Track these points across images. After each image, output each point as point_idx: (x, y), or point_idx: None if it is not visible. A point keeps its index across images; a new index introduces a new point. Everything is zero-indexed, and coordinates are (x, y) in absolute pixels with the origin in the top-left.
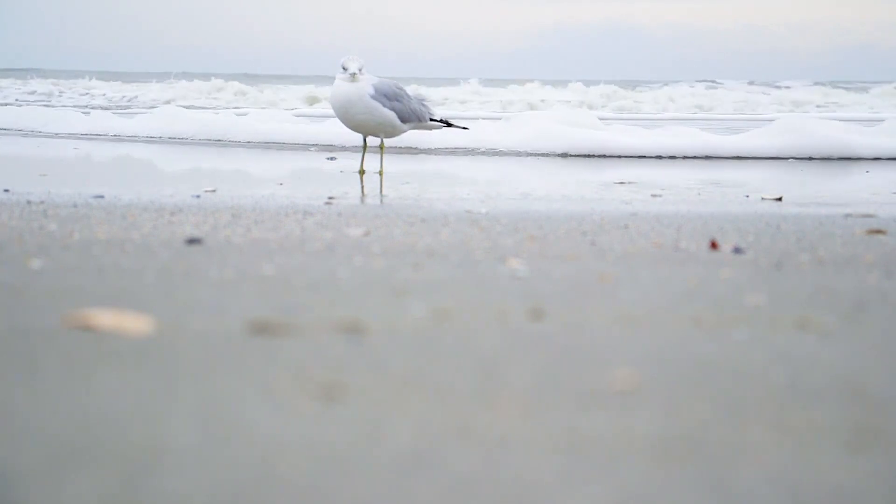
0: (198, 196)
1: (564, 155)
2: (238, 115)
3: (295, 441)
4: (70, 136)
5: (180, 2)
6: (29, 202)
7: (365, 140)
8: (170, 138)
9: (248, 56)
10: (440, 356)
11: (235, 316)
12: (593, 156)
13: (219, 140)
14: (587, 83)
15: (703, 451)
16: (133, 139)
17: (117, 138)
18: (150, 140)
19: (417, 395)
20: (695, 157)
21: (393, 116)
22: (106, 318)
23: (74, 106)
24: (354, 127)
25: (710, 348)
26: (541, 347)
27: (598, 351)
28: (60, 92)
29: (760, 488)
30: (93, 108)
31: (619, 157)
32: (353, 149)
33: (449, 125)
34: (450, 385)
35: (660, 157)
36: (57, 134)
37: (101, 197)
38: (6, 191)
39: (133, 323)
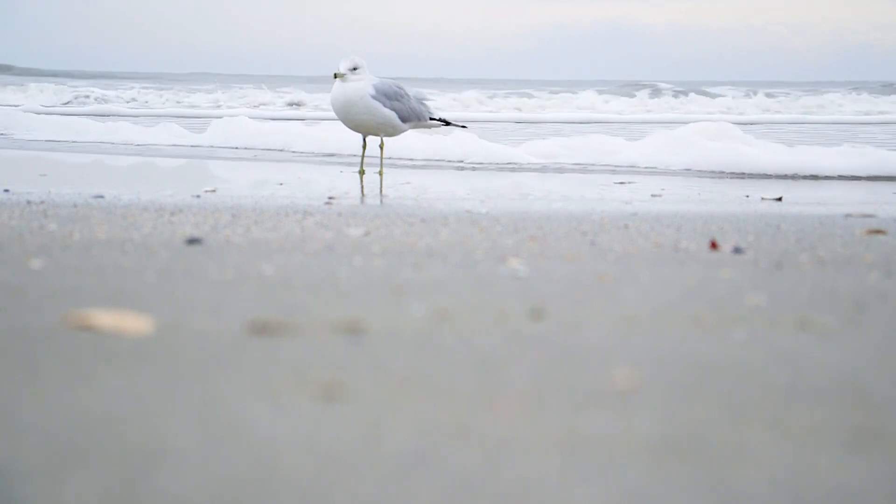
0: (198, 196)
1: (721, 174)
2: (305, 124)
3: (295, 441)
4: (128, 146)
5: (180, 2)
6: (29, 202)
7: (364, 140)
8: (235, 148)
9: (245, 56)
10: (440, 356)
11: (235, 316)
12: (743, 175)
13: (280, 150)
14: (590, 84)
15: (703, 451)
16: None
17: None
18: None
19: (417, 395)
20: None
21: (393, 116)
22: (106, 318)
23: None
24: (355, 127)
25: (710, 348)
26: (541, 347)
27: (598, 351)
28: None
29: (760, 488)
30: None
31: (773, 176)
32: (426, 163)
33: (448, 123)
34: (450, 385)
35: (840, 176)
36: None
37: (101, 197)
38: (6, 191)
39: (133, 323)
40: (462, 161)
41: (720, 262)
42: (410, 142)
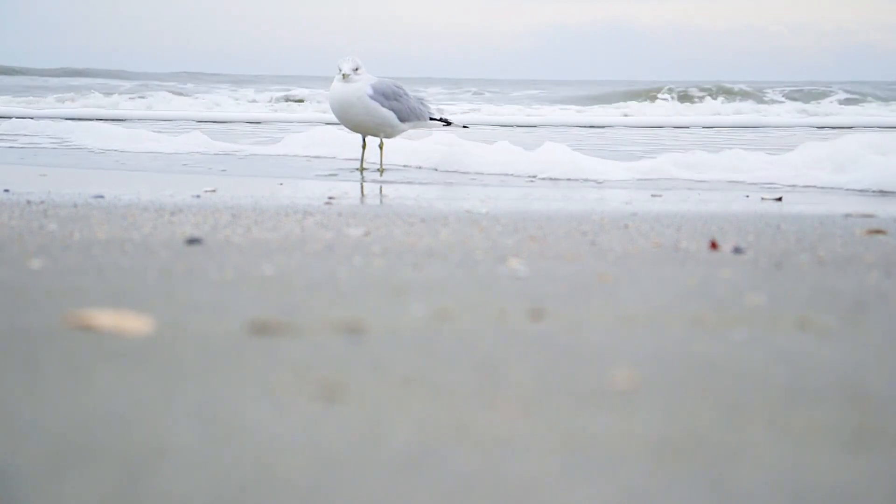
0: (198, 196)
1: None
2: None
3: (295, 441)
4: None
5: (183, 2)
6: (29, 202)
7: (364, 140)
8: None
9: (244, 56)
10: (440, 356)
11: (235, 316)
12: None
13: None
14: (591, 83)
15: (703, 451)
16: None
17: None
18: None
19: (417, 395)
20: None
21: (392, 116)
22: (106, 318)
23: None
24: (354, 127)
25: (710, 348)
26: (541, 347)
27: (598, 351)
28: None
29: (760, 488)
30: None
31: None
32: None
33: (448, 123)
34: (450, 385)
35: None
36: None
37: (101, 197)
38: (6, 191)
39: (133, 323)
40: (535, 176)
41: (720, 262)
42: (489, 156)
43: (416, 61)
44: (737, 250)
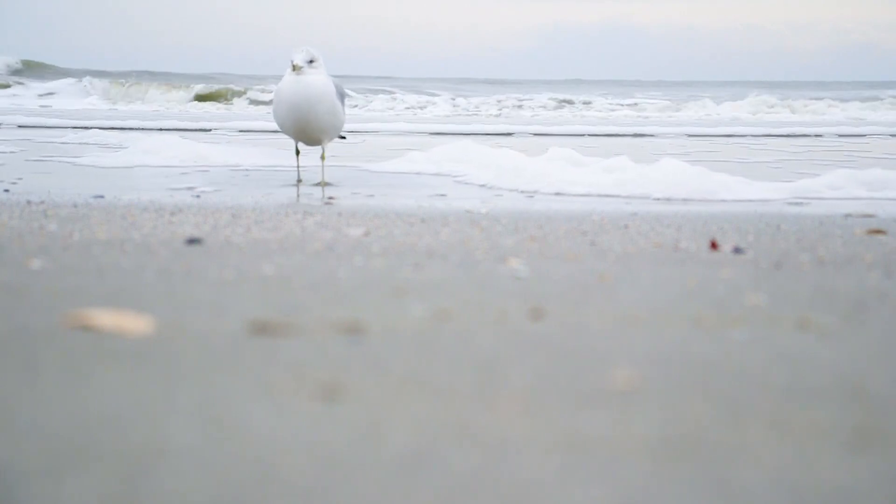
0: (198, 196)
1: None
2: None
3: (295, 441)
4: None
5: (179, 1)
6: (29, 202)
7: (297, 146)
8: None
9: (240, 55)
10: (440, 356)
11: (235, 316)
12: None
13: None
14: (589, 83)
15: (703, 451)
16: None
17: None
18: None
19: (417, 395)
20: None
21: (344, 120)
22: (106, 318)
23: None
24: (308, 131)
25: (710, 348)
26: (541, 347)
27: (598, 351)
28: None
29: (760, 488)
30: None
31: None
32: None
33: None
34: (449, 385)
35: None
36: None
37: (101, 197)
38: (6, 191)
39: (133, 323)
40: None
41: (720, 262)
42: (588, 176)
43: (415, 61)
44: (737, 250)
